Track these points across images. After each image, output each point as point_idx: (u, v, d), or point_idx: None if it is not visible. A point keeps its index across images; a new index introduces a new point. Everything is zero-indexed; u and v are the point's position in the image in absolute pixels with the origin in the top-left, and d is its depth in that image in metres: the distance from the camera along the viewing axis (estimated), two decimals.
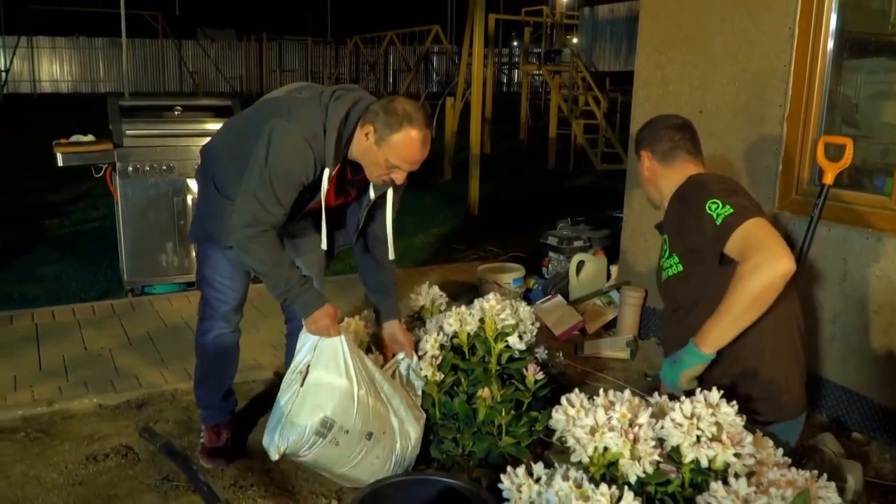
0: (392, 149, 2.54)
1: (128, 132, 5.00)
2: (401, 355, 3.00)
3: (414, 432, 2.80)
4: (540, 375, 2.87)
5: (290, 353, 3.13)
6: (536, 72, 16.24)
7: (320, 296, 2.74)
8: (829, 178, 3.38)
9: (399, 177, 2.63)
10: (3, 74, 26.69)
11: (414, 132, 2.52)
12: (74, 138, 5.15)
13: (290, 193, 2.63)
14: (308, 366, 2.65)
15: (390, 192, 2.86)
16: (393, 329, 3.05)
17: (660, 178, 2.82)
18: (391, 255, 2.99)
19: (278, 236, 2.72)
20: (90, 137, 5.18)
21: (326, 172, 2.64)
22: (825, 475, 1.98)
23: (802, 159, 3.68)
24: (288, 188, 2.62)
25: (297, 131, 2.58)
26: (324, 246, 2.84)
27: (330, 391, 2.59)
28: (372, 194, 2.83)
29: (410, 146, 2.54)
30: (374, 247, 3.05)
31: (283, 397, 2.66)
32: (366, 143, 2.60)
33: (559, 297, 4.75)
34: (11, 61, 27.73)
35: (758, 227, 2.42)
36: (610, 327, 4.64)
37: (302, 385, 2.62)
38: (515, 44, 31.58)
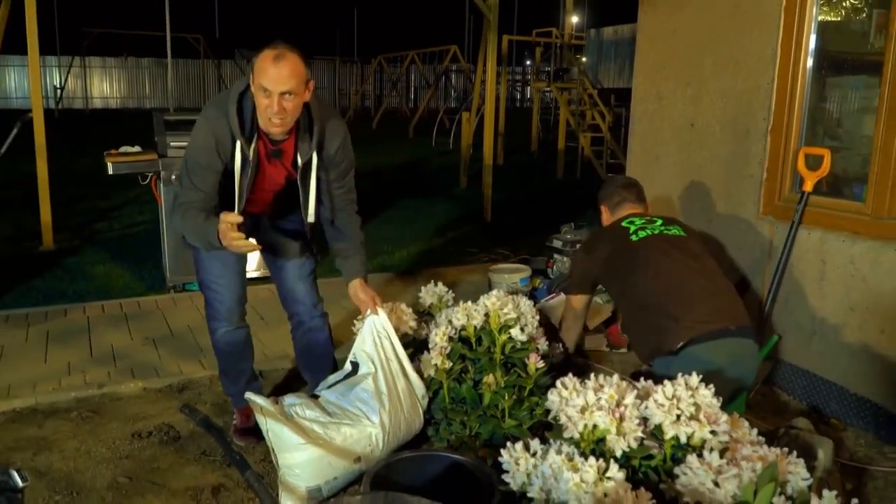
0: (256, 73, 2.55)
1: (171, 143, 5.07)
2: (367, 312, 2.97)
3: (400, 410, 2.82)
4: (540, 364, 2.92)
5: (296, 347, 3.31)
6: (546, 89, 16.26)
7: (213, 221, 2.64)
8: (808, 186, 3.44)
9: (273, 104, 2.54)
10: (59, 91, 27.03)
11: (267, 50, 2.55)
12: (123, 149, 5.25)
13: (201, 176, 2.70)
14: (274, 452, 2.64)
15: (315, 158, 2.80)
16: (354, 288, 3.01)
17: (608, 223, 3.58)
18: (310, 218, 2.88)
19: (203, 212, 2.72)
20: (137, 148, 5.28)
21: (239, 144, 2.67)
22: (795, 453, 2.03)
23: (784, 168, 3.71)
24: (197, 171, 2.70)
25: (203, 120, 2.71)
26: (238, 217, 2.62)
27: (298, 467, 2.56)
28: (299, 160, 2.79)
29: (265, 61, 2.52)
30: (333, 218, 3.02)
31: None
32: (252, 91, 2.62)
33: (562, 296, 4.79)
34: (66, 79, 28.09)
35: (566, 303, 3.74)
36: (610, 323, 4.66)
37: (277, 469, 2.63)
38: (528, 62, 31.59)
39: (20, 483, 1.71)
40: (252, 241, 2.61)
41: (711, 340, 2.88)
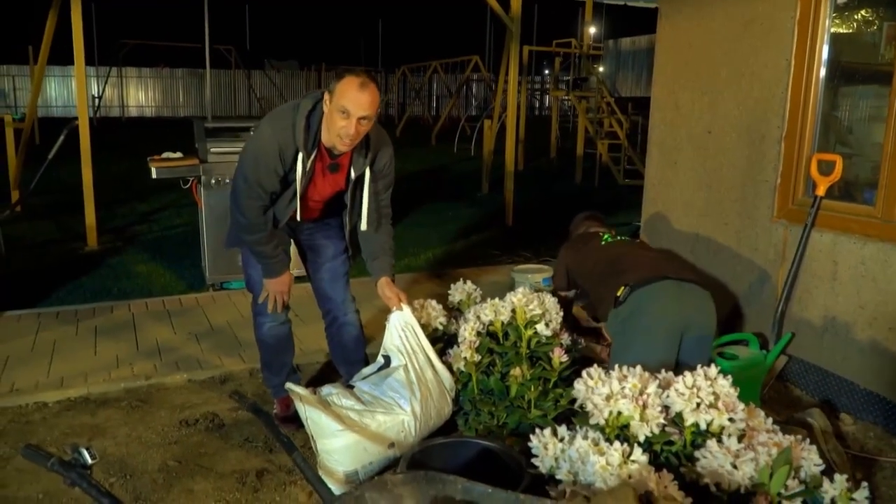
0: (338, 95, 2.67)
1: (212, 150, 5.17)
2: (393, 310, 3.05)
3: (418, 402, 2.86)
4: (564, 358, 2.99)
5: (330, 342, 3.40)
6: (565, 97, 16.32)
7: (274, 264, 3.02)
8: (821, 190, 3.48)
9: (350, 125, 2.68)
10: (97, 100, 27.40)
11: (352, 76, 2.69)
12: (165, 155, 5.37)
13: (263, 176, 2.83)
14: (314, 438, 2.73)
15: (368, 172, 2.97)
16: (381, 286, 3.09)
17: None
18: (363, 227, 3.06)
19: (269, 231, 2.95)
20: (179, 154, 5.40)
21: (300, 156, 2.81)
22: (808, 439, 2.09)
23: (798, 174, 3.76)
24: (258, 172, 2.83)
25: (266, 126, 2.83)
26: (298, 217, 2.98)
27: (336, 453, 2.65)
28: (353, 173, 2.95)
29: (350, 86, 2.66)
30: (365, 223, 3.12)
31: None
32: (326, 111, 2.76)
33: None
34: (104, 89, 28.47)
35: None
36: None
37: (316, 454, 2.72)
38: (546, 72, 31.55)
39: (89, 460, 1.81)
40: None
41: (650, 283, 3.03)
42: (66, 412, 3.41)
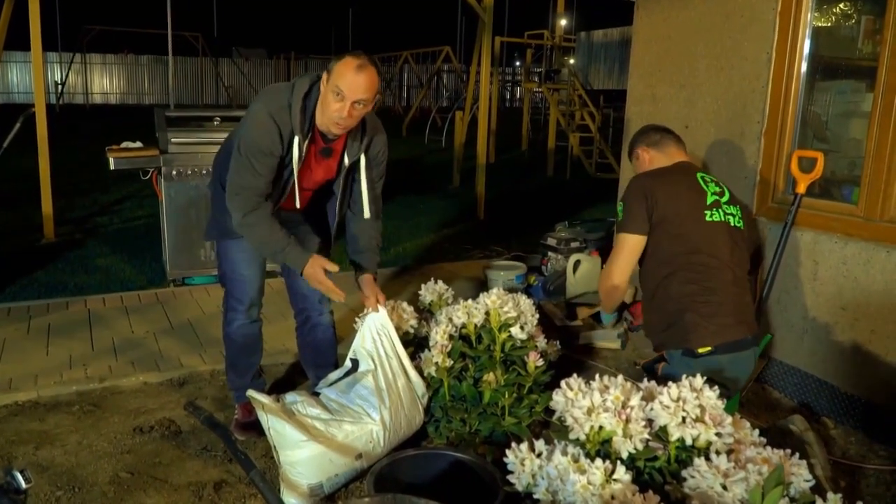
0: (335, 75, 2.55)
1: (172, 140, 4.99)
2: (368, 310, 2.90)
3: (388, 415, 2.69)
4: (540, 362, 2.86)
5: (301, 343, 3.26)
6: (537, 89, 16.18)
7: (303, 252, 2.77)
8: (801, 188, 3.39)
9: (343, 109, 2.55)
10: (60, 87, 26.76)
11: (350, 58, 2.55)
12: (125, 145, 5.15)
13: (262, 162, 2.66)
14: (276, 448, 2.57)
15: (363, 159, 2.84)
16: (362, 282, 2.96)
17: (656, 163, 3.11)
18: (366, 214, 2.91)
19: (271, 214, 2.75)
20: (138, 144, 5.18)
21: (296, 140, 2.67)
22: (797, 454, 1.99)
23: (778, 171, 3.67)
24: (259, 157, 2.66)
25: (263, 108, 2.65)
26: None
27: (300, 465, 2.50)
28: (346, 160, 2.82)
29: (347, 67, 2.53)
30: (356, 213, 2.98)
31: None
32: (322, 91, 2.62)
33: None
34: (67, 75, 27.83)
35: (617, 243, 2.97)
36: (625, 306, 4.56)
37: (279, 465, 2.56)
38: (518, 63, 31.49)
39: (24, 485, 1.64)
40: (340, 293, 2.78)
41: (731, 353, 2.81)
42: (12, 417, 3.20)
